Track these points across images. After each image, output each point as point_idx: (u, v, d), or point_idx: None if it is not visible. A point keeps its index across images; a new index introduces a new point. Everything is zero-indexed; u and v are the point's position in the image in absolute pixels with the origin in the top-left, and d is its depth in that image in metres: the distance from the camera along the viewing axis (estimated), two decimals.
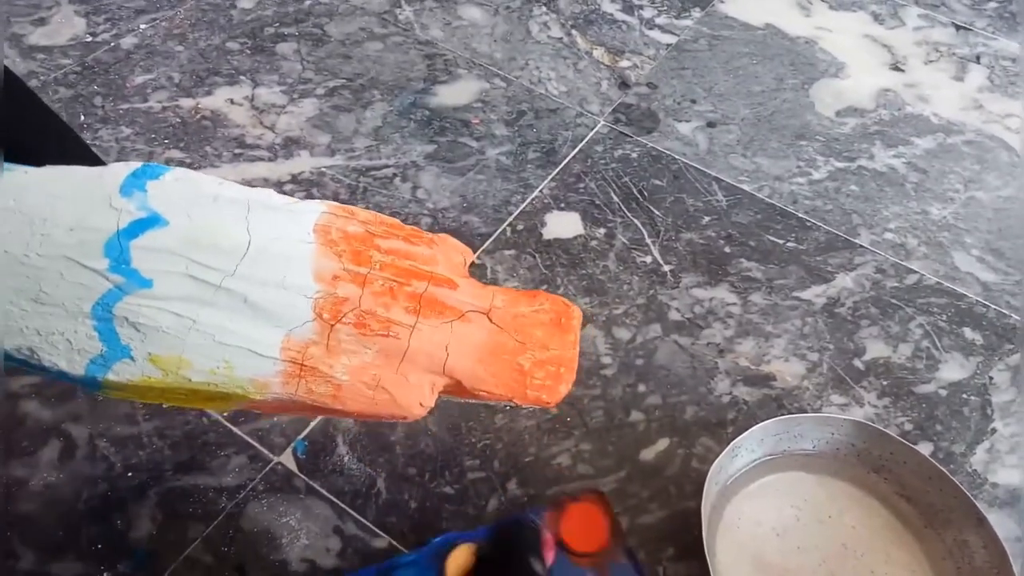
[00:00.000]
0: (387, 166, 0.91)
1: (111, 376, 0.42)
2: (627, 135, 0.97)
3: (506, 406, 0.48)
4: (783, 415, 0.71)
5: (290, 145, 0.92)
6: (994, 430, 0.74)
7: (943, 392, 0.76)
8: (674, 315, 0.80)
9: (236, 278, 0.44)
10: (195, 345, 0.43)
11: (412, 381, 0.45)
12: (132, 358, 0.43)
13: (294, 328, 0.44)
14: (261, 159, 0.91)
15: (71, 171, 0.45)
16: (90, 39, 1.02)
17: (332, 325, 0.44)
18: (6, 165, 0.44)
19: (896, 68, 1.09)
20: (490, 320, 0.48)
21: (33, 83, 0.96)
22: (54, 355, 0.42)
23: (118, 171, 0.45)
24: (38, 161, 0.45)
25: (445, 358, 0.46)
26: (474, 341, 0.47)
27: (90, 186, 0.45)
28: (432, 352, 0.46)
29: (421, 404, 0.46)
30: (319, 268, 0.45)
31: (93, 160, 0.62)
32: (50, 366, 0.42)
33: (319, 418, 0.69)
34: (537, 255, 0.84)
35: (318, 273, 0.45)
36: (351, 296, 0.45)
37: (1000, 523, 0.66)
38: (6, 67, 0.48)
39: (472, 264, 0.82)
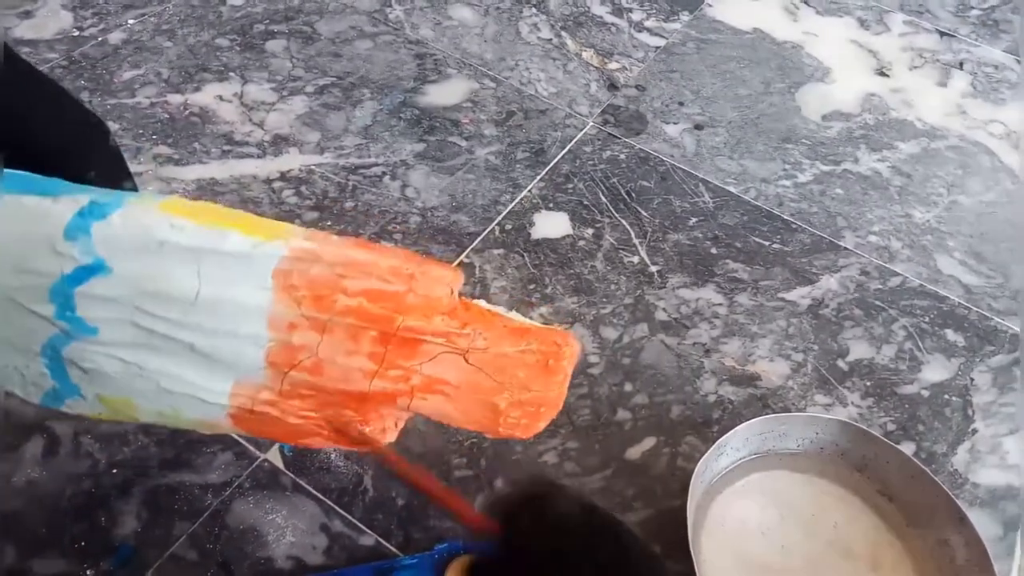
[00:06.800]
0: (376, 164, 0.91)
1: (64, 409, 0.43)
2: (615, 136, 0.98)
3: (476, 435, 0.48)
4: (768, 415, 0.71)
5: (279, 142, 0.92)
6: (975, 430, 0.75)
7: (925, 393, 0.77)
8: (661, 315, 0.80)
9: (183, 327, 0.43)
10: (141, 390, 0.43)
11: (372, 419, 0.45)
12: (82, 396, 0.43)
13: (244, 375, 0.43)
14: (250, 156, 0.90)
15: (17, 205, 0.44)
16: (77, 33, 1.02)
17: (286, 372, 0.44)
18: None
19: (881, 73, 1.10)
20: (466, 361, 0.46)
21: None
22: (11, 385, 0.43)
23: (64, 209, 0.43)
24: (35, 125, 0.45)
25: (410, 400, 0.45)
26: (445, 382, 0.46)
27: (36, 225, 0.43)
28: (396, 394, 0.45)
29: (380, 439, 0.45)
30: (274, 316, 0.43)
31: (89, 119, 0.61)
32: (11, 392, 0.43)
33: None
34: (526, 254, 0.84)
35: (272, 321, 0.43)
36: (308, 343, 0.44)
37: (981, 522, 0.66)
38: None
39: (460, 264, 0.83)
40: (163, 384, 0.43)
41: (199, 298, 0.43)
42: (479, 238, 0.85)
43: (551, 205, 0.89)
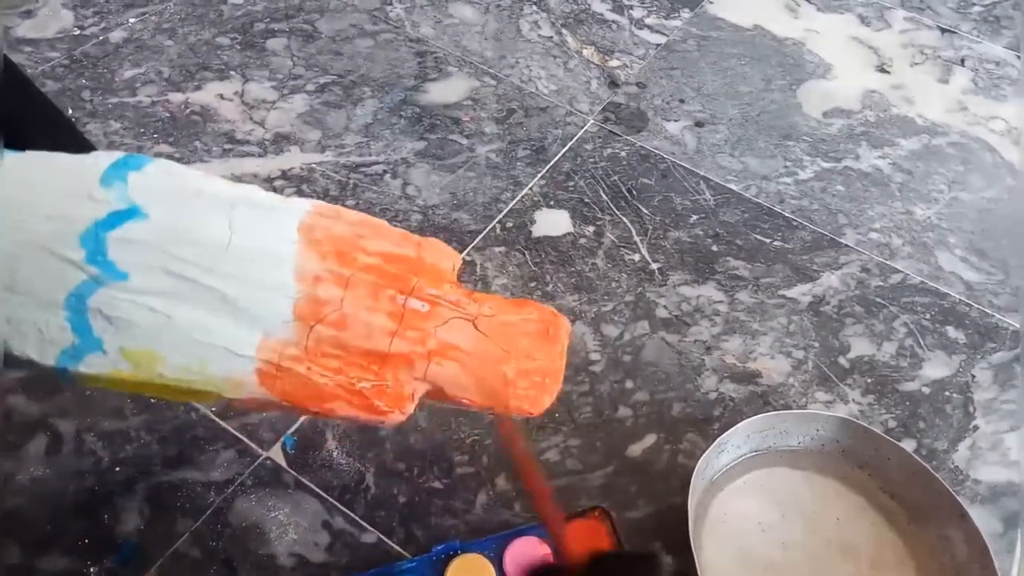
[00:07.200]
0: (377, 163, 0.91)
1: (82, 368, 0.42)
2: (616, 134, 0.98)
3: (486, 416, 0.49)
4: (769, 412, 0.72)
5: (280, 141, 0.92)
6: (976, 427, 0.75)
7: (926, 390, 0.77)
8: (662, 312, 0.81)
9: (215, 275, 0.43)
10: (169, 341, 0.42)
11: (391, 385, 0.45)
12: (104, 351, 0.42)
13: (272, 328, 0.43)
14: (251, 155, 0.91)
15: (53, 158, 0.44)
16: (78, 32, 1.02)
17: (311, 327, 0.44)
18: None
19: (882, 70, 1.10)
20: (475, 328, 0.47)
21: None
22: (25, 344, 0.41)
23: (100, 161, 0.44)
24: (26, 146, 0.45)
25: (427, 364, 0.45)
26: (457, 348, 0.46)
27: (71, 175, 0.44)
28: (414, 357, 0.45)
29: (400, 410, 0.45)
30: (301, 268, 0.44)
31: (83, 144, 0.61)
32: (20, 355, 0.41)
33: None
34: (527, 252, 0.84)
35: (300, 273, 0.44)
36: (333, 298, 0.44)
37: (981, 518, 0.66)
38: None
39: (462, 262, 0.83)
40: (192, 334, 0.42)
41: (231, 245, 0.43)
42: (480, 236, 0.85)
43: (552, 203, 0.89)
